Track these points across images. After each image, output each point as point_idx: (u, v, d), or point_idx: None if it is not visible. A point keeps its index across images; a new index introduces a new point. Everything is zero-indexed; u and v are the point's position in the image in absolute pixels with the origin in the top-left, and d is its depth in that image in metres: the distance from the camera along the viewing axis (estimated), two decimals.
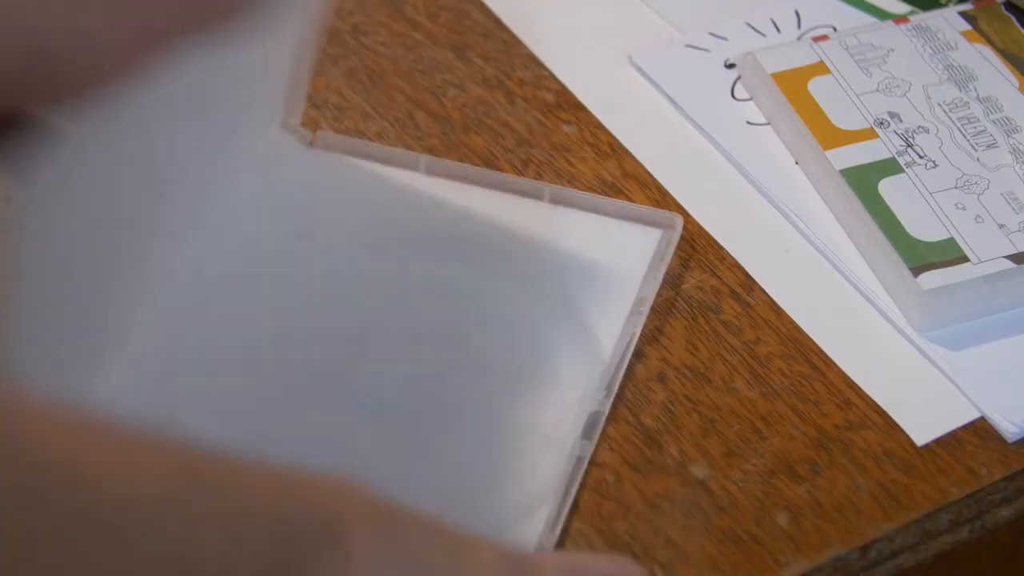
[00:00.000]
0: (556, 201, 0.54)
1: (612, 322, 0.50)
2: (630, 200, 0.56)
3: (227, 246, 0.51)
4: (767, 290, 0.52)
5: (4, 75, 0.25)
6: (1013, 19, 0.61)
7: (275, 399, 0.48)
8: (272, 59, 0.51)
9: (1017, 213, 0.52)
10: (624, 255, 0.52)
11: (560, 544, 0.44)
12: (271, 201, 0.53)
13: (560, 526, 0.44)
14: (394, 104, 0.60)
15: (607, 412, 0.47)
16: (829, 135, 0.56)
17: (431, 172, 0.55)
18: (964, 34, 0.60)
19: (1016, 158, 0.55)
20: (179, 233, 0.49)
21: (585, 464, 0.46)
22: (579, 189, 0.56)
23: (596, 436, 0.47)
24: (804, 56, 0.59)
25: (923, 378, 0.50)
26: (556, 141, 0.58)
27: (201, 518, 0.29)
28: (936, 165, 0.54)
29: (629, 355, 0.49)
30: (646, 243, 0.53)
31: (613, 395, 0.48)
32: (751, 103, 0.60)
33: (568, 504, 0.45)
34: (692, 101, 0.60)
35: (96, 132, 0.32)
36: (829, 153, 0.55)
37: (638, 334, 0.50)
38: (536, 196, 0.55)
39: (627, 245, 0.53)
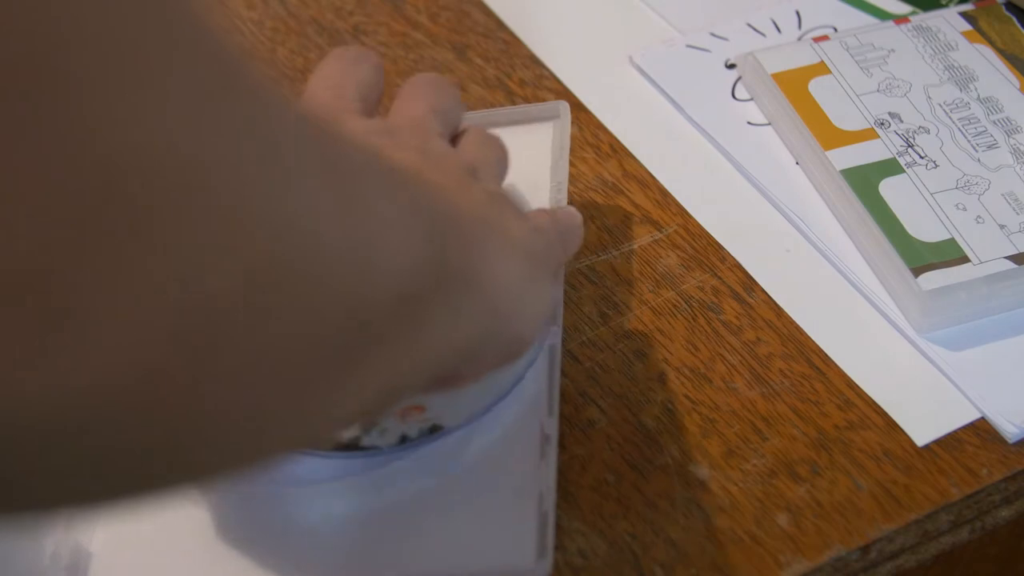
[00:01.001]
0: None
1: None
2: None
3: None
4: (767, 290, 0.52)
5: None
6: (1014, 19, 0.61)
7: None
8: None
9: (1018, 213, 0.52)
10: (528, 155, 0.54)
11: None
12: None
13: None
14: None
15: (561, 297, 0.50)
16: (830, 135, 0.56)
17: None
18: (965, 34, 0.60)
19: (1017, 159, 0.55)
20: None
21: (559, 352, 0.48)
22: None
23: (560, 320, 0.49)
24: (805, 56, 0.59)
25: (923, 378, 0.50)
26: None
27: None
28: (937, 165, 0.54)
29: None
30: (543, 137, 0.55)
31: (560, 282, 0.50)
32: (752, 103, 0.60)
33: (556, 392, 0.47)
34: (693, 101, 0.60)
35: None
36: (830, 153, 0.55)
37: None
38: None
39: (527, 145, 0.54)
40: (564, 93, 0.60)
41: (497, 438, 0.46)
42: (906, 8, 0.64)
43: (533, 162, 0.54)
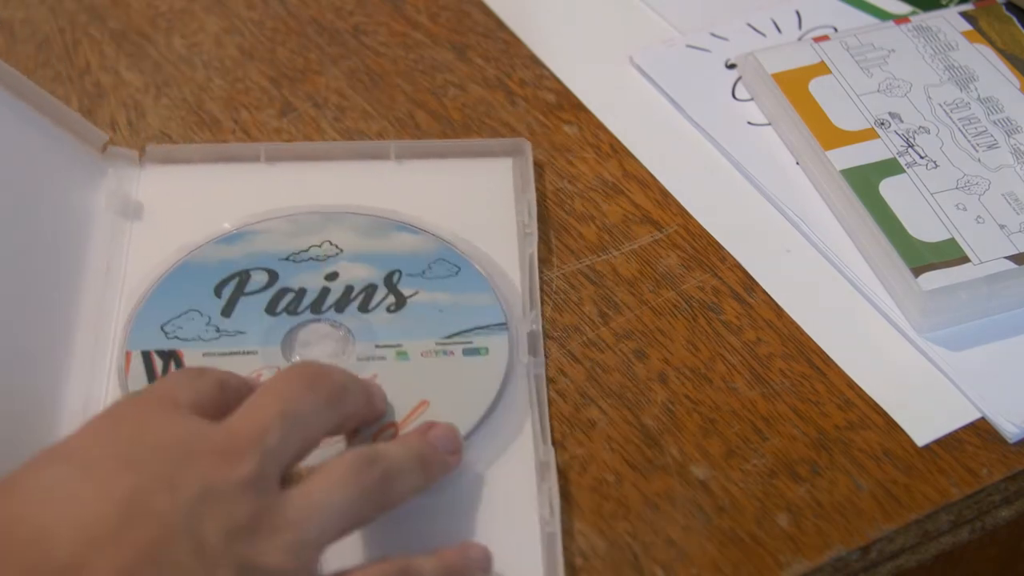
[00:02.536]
0: (402, 156, 0.56)
1: (507, 250, 0.52)
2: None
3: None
4: (768, 290, 0.52)
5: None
6: (1014, 19, 0.61)
7: None
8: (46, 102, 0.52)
9: (1018, 213, 0.52)
10: (489, 188, 0.55)
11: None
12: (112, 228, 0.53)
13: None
14: (395, 104, 0.60)
15: (541, 329, 0.50)
16: (830, 135, 0.56)
17: (272, 159, 0.56)
18: (965, 34, 0.60)
19: (1017, 159, 0.55)
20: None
21: (544, 382, 0.48)
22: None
23: (542, 352, 0.49)
24: (805, 56, 0.59)
25: (924, 379, 0.50)
26: (557, 141, 0.58)
27: None
28: (937, 165, 0.54)
29: (536, 276, 0.51)
30: (503, 173, 0.56)
31: (539, 314, 0.50)
32: (752, 103, 0.60)
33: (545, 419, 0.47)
34: (693, 101, 0.60)
35: None
36: (830, 153, 0.55)
37: (535, 252, 0.52)
38: (383, 156, 0.56)
39: (488, 179, 0.55)
40: (564, 93, 0.60)
41: (492, 467, 0.46)
42: (906, 8, 0.64)
43: (494, 199, 0.54)
